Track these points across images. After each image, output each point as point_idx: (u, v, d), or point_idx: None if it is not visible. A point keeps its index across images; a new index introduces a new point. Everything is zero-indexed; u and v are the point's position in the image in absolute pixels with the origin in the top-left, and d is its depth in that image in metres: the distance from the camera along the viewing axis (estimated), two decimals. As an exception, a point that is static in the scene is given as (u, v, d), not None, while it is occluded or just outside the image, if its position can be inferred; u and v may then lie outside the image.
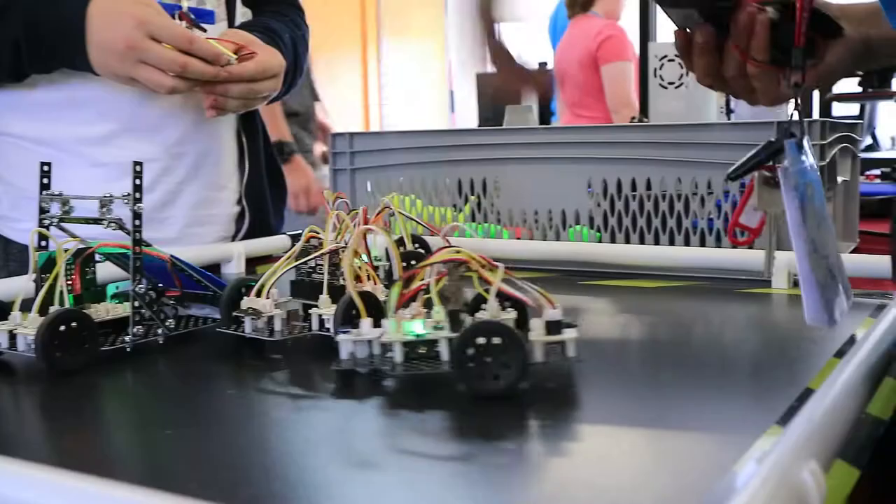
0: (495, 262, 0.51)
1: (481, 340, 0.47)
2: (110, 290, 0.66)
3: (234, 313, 0.64)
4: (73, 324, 0.56)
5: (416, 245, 0.79)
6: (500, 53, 2.68)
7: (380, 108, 5.37)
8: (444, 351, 0.50)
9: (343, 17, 4.29)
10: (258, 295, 0.62)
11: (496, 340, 0.47)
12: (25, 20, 0.88)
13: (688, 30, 0.67)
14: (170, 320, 0.63)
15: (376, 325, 0.53)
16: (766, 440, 0.41)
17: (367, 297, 0.56)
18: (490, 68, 3.34)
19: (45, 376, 0.57)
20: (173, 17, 0.96)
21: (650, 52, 1.51)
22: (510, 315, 0.52)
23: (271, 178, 1.17)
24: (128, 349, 0.59)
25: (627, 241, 0.95)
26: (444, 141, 1.05)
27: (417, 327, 0.49)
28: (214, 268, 0.98)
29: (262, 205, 1.14)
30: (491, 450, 0.43)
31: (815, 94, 1.78)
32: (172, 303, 0.66)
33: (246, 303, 0.62)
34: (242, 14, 1.09)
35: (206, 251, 0.99)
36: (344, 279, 0.63)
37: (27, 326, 0.57)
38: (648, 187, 0.94)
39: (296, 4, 1.20)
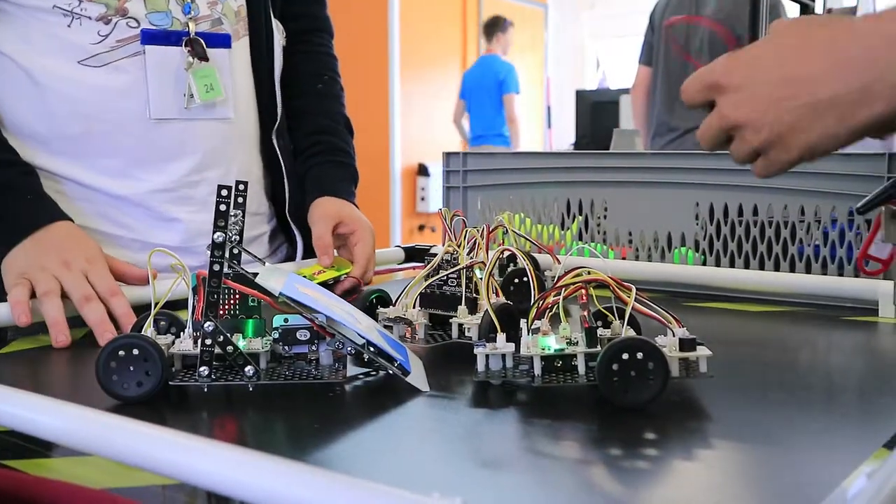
0: (627, 283, 0.55)
1: (626, 356, 0.50)
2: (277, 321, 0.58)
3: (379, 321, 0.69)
4: (135, 351, 0.54)
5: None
6: None
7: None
8: (581, 365, 0.53)
9: (445, 31, 4.37)
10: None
11: (640, 356, 0.50)
12: None
13: None
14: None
15: (511, 339, 0.57)
16: (873, 462, 0.44)
17: (507, 310, 0.60)
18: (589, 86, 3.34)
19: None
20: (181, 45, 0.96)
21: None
22: (630, 332, 0.56)
23: None
24: (205, 389, 0.56)
25: (732, 265, 0.97)
26: (554, 163, 1.09)
27: (552, 342, 0.53)
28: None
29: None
30: (623, 455, 0.46)
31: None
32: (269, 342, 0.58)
33: (393, 311, 0.67)
34: (276, 27, 1.07)
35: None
36: (475, 293, 0.68)
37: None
38: (755, 213, 0.96)
39: (325, 29, 1.18)
